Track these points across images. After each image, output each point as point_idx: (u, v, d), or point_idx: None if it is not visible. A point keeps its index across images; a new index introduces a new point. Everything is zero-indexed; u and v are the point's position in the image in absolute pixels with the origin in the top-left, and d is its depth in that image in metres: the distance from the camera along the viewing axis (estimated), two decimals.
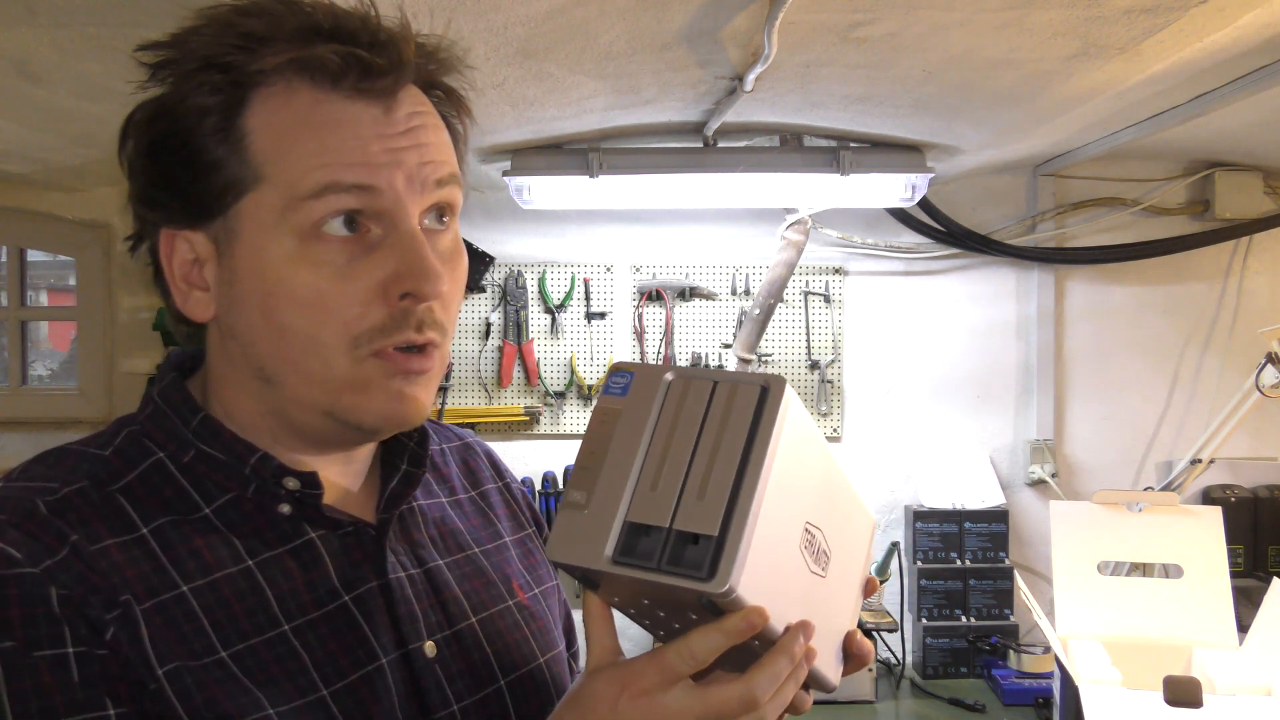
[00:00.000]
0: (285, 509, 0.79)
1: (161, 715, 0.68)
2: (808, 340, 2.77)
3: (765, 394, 0.70)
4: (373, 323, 0.74)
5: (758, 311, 2.58)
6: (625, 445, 0.71)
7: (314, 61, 0.72)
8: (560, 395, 2.76)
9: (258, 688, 0.71)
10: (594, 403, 0.75)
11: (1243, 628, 1.97)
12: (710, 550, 0.66)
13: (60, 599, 0.67)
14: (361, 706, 0.75)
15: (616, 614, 0.76)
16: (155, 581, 0.71)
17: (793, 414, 0.71)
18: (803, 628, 0.72)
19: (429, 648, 0.81)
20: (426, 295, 0.74)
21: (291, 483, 0.78)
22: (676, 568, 0.66)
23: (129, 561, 0.71)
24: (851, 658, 0.83)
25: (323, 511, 0.80)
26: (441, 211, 0.78)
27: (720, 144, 2.31)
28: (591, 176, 2.24)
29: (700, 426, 0.70)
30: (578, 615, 0.94)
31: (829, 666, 0.79)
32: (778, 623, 0.69)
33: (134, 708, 0.67)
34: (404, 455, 0.87)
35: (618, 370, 0.75)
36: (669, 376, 0.73)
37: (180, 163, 0.75)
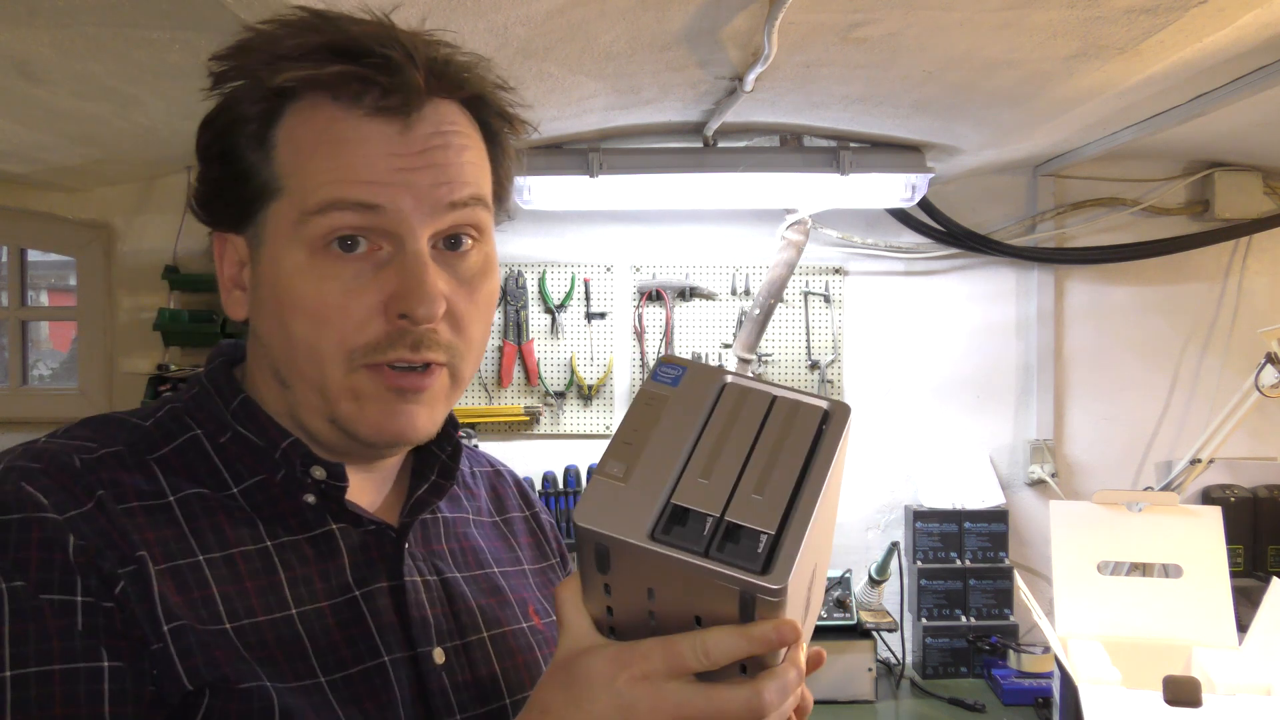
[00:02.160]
0: (310, 499, 0.80)
1: (161, 675, 0.69)
2: (808, 340, 2.77)
3: (827, 418, 0.70)
4: (369, 338, 0.75)
5: (758, 311, 2.58)
6: (674, 430, 0.69)
7: (328, 80, 0.73)
8: (560, 395, 2.76)
9: (257, 664, 0.72)
10: (637, 388, 0.71)
11: (1242, 627, 1.97)
12: (766, 546, 0.64)
13: (76, 548, 0.69)
14: (357, 700, 0.75)
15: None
16: (174, 547, 0.73)
17: (845, 440, 0.70)
18: (796, 634, 0.68)
19: (438, 654, 0.81)
20: (420, 319, 0.74)
21: (319, 471, 0.80)
22: (728, 556, 0.63)
23: (151, 524, 0.73)
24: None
25: (345, 505, 0.81)
26: (462, 234, 0.78)
27: (720, 144, 2.31)
28: (591, 176, 2.25)
29: (758, 432, 0.69)
30: None
31: None
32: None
33: (131, 664, 0.69)
34: (435, 466, 0.89)
35: (669, 362, 0.73)
36: (728, 379, 0.72)
37: (223, 168, 0.78)
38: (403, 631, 0.80)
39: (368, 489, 0.85)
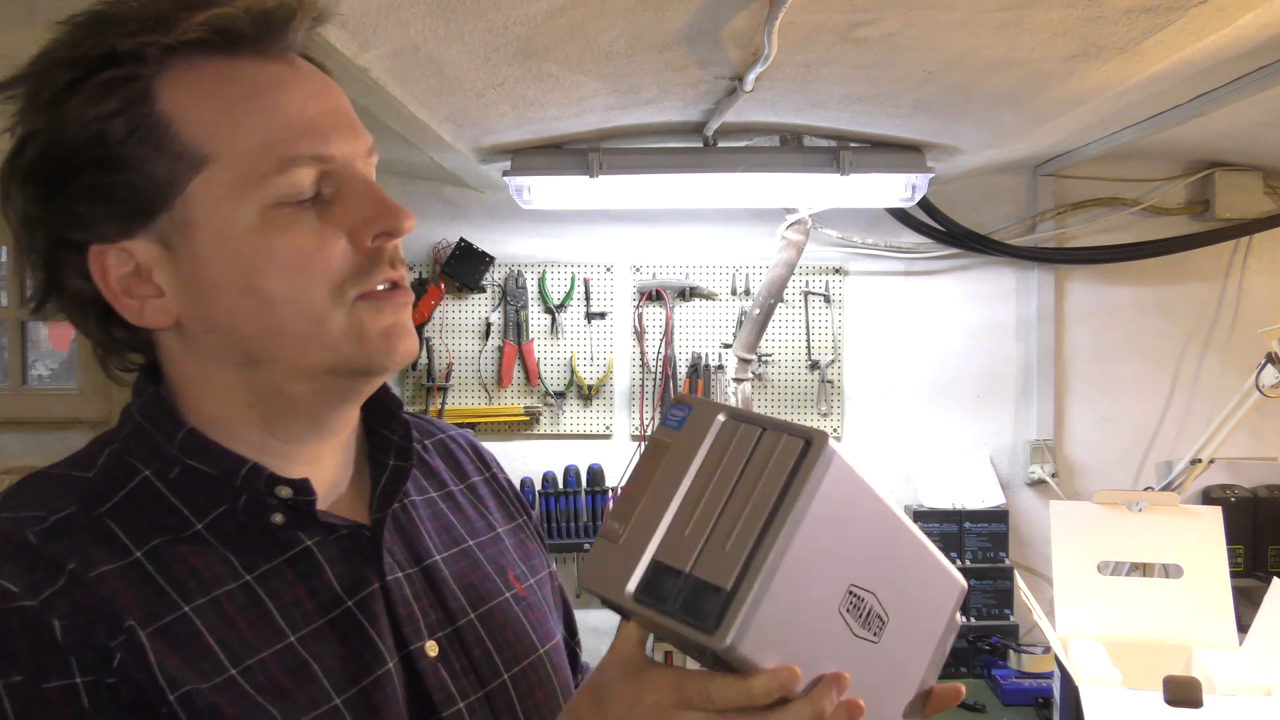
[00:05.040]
0: (278, 519, 0.78)
1: None
2: (808, 340, 2.77)
3: (807, 448, 0.69)
4: (351, 269, 0.75)
5: (758, 311, 2.58)
6: (668, 482, 0.71)
7: (222, 23, 0.71)
8: (560, 395, 2.76)
9: (271, 703, 0.70)
10: (647, 432, 0.75)
11: (1242, 628, 1.97)
12: (721, 603, 0.65)
13: (63, 630, 0.66)
14: (374, 712, 0.75)
15: None
16: (156, 605, 0.70)
17: (837, 472, 0.69)
18: (836, 681, 0.68)
19: (430, 647, 0.81)
20: (401, 229, 0.76)
21: (284, 491, 0.77)
22: (687, 615, 0.66)
23: (127, 586, 0.70)
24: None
25: (317, 517, 0.79)
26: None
27: (720, 144, 2.31)
28: (591, 176, 2.24)
29: (740, 473, 0.70)
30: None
31: None
32: (806, 679, 0.67)
33: None
34: (389, 451, 0.87)
35: (678, 403, 0.75)
36: (721, 417, 0.73)
37: (98, 174, 0.72)
38: (394, 631, 0.79)
39: (331, 482, 0.83)
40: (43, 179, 0.73)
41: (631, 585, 0.68)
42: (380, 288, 0.76)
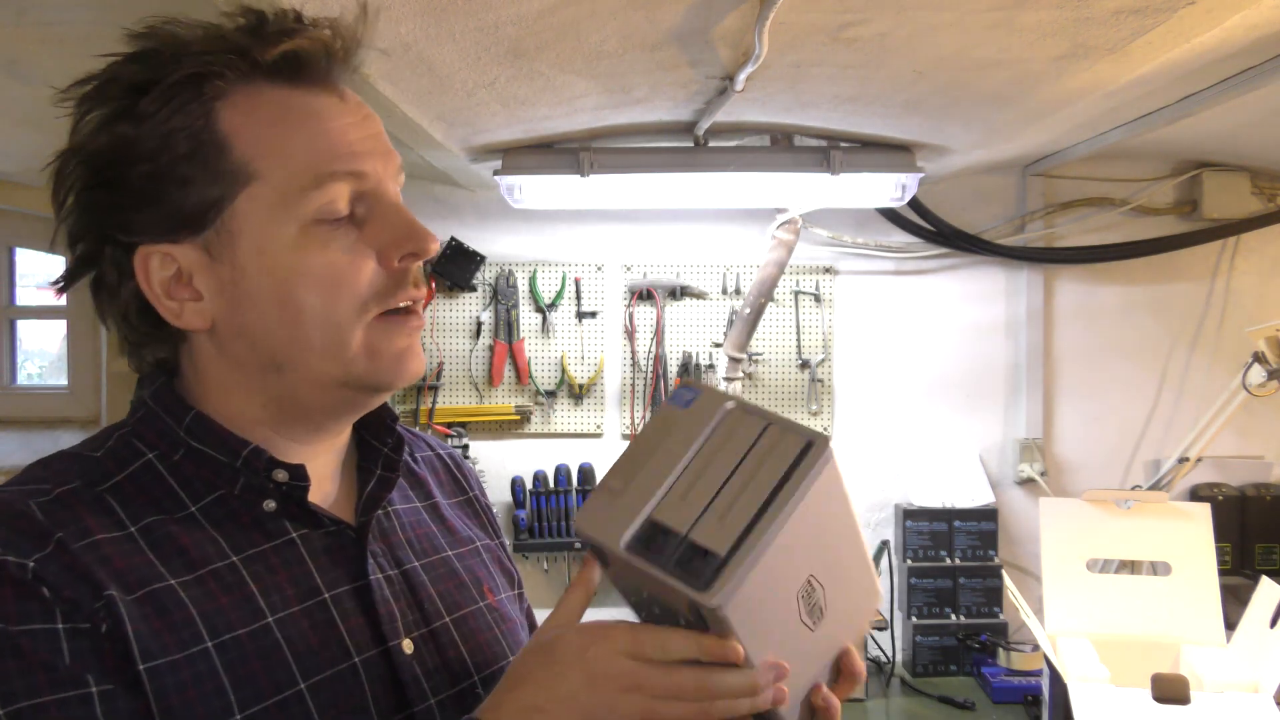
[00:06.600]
0: (270, 505, 0.82)
1: (135, 706, 0.70)
2: (798, 339, 2.78)
3: (809, 448, 0.75)
4: (377, 287, 0.80)
5: (748, 311, 2.59)
6: (671, 452, 0.77)
7: (293, 55, 0.77)
8: (551, 394, 2.76)
9: (234, 687, 0.73)
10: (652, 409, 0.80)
11: (1230, 625, 1.98)
12: (715, 566, 0.71)
13: (49, 588, 0.69)
14: (334, 702, 0.78)
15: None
16: (144, 573, 0.74)
17: (829, 474, 0.76)
18: (776, 668, 0.76)
19: (406, 645, 0.85)
20: (427, 252, 0.81)
21: (280, 474, 0.81)
22: (680, 571, 0.72)
23: (118, 555, 0.73)
24: (818, 710, 0.85)
25: (307, 507, 0.83)
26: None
27: (711, 143, 2.31)
28: (582, 176, 2.24)
29: (742, 457, 0.76)
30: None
31: (790, 713, 0.82)
32: (754, 656, 0.74)
33: (120, 682, 0.70)
34: (379, 461, 0.91)
35: (687, 386, 0.81)
36: (730, 405, 0.79)
37: (155, 182, 0.77)
38: (371, 628, 0.83)
39: (320, 483, 0.87)
40: (103, 179, 0.78)
41: (627, 536, 0.74)
42: (403, 305, 0.82)
